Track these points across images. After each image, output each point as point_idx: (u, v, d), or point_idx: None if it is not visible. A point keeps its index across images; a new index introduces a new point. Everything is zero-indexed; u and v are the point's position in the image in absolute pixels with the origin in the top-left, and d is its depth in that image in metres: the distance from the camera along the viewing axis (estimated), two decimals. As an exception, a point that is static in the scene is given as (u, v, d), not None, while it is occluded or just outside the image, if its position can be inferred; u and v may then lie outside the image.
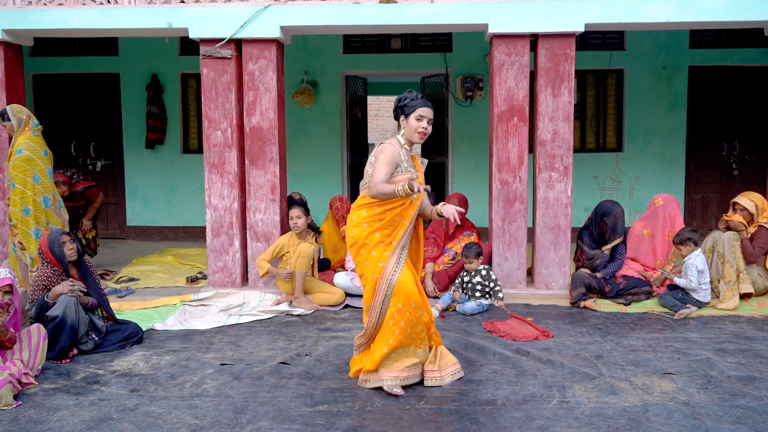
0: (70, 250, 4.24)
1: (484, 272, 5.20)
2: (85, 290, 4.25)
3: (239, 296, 5.46)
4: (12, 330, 3.69)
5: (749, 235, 5.29)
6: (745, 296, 5.17)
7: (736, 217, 5.31)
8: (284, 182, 5.77)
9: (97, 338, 4.26)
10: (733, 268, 5.11)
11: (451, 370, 3.70)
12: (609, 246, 5.42)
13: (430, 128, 3.60)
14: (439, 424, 3.17)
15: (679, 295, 5.08)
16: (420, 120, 3.55)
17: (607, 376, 3.75)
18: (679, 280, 5.08)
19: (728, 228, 5.35)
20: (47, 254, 4.20)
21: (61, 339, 4.01)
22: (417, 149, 11.54)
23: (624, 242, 5.51)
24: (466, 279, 5.26)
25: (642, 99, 7.98)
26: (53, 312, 4.03)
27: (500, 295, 5.16)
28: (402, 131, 3.62)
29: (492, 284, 5.17)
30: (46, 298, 4.12)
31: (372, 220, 3.52)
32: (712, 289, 5.19)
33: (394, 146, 3.56)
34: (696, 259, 5.03)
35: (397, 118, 3.64)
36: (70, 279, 4.21)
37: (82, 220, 6.51)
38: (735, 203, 5.39)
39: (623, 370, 3.85)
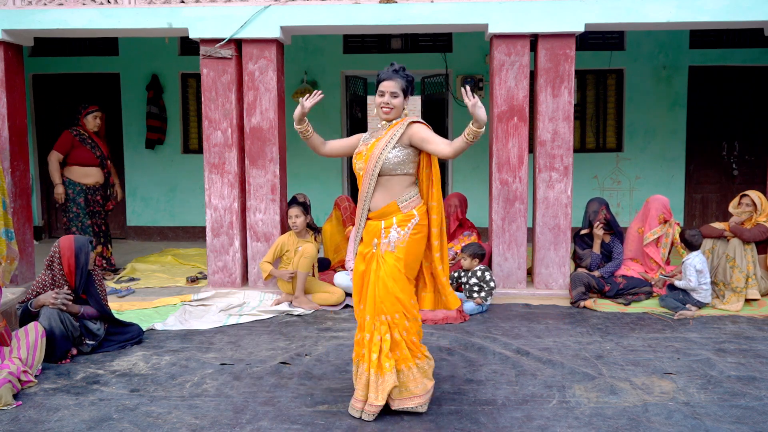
0: (92, 259, 4.15)
1: (479, 273, 5.17)
2: (71, 298, 4.08)
3: (239, 296, 5.46)
4: None
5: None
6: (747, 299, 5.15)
7: (741, 208, 5.27)
8: (284, 182, 5.77)
9: (93, 342, 4.16)
10: (742, 274, 5.09)
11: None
12: (595, 243, 5.45)
13: (395, 101, 3.26)
14: (439, 424, 3.17)
15: (680, 296, 5.08)
16: (382, 95, 3.27)
17: (607, 376, 3.75)
18: (679, 283, 5.07)
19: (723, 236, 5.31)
20: (69, 260, 4.07)
21: (55, 348, 3.94)
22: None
23: (621, 242, 5.53)
24: (463, 279, 5.24)
25: (642, 99, 7.98)
26: (41, 324, 3.90)
27: (482, 294, 5.10)
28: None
29: (485, 285, 5.15)
30: (29, 306, 4.03)
31: None
32: (715, 291, 5.18)
33: (369, 131, 3.49)
34: (694, 259, 5.02)
35: None
36: (55, 290, 4.05)
37: (116, 189, 6.60)
38: (744, 195, 5.35)
39: (623, 370, 3.85)
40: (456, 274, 5.30)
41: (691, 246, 5.08)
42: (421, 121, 3.33)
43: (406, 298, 3.23)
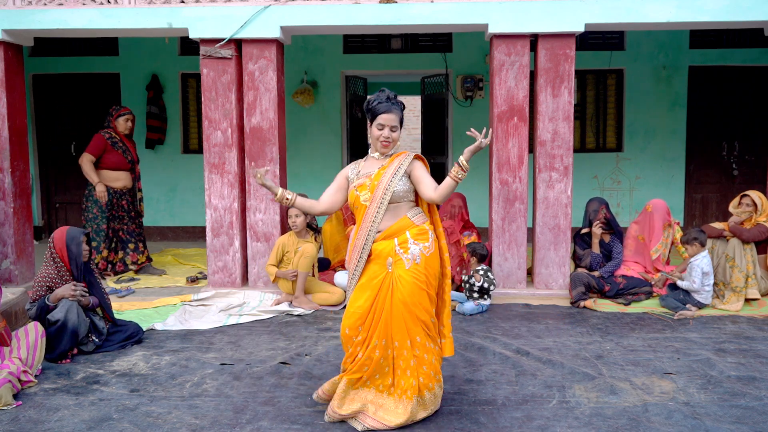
0: (85, 251, 4.22)
1: (481, 272, 5.19)
2: (87, 292, 4.21)
3: (239, 296, 5.46)
4: None
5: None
6: (747, 299, 5.15)
7: (741, 208, 5.27)
8: (284, 182, 5.77)
9: (97, 340, 4.22)
10: (742, 273, 5.09)
11: None
12: (594, 242, 5.45)
13: (395, 134, 3.25)
14: (439, 424, 3.17)
15: (681, 296, 5.08)
16: (381, 129, 3.22)
17: (607, 376, 3.75)
18: (681, 283, 5.07)
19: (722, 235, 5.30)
20: (61, 251, 4.15)
21: (62, 343, 3.99)
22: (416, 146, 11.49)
23: (621, 242, 5.52)
24: (464, 278, 5.26)
25: (642, 99, 7.98)
26: (55, 315, 4.00)
27: (487, 280, 5.11)
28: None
29: (488, 282, 5.16)
30: (47, 300, 4.09)
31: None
32: (715, 291, 5.18)
33: (350, 165, 3.44)
34: (702, 260, 5.01)
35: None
36: (73, 282, 4.16)
37: (140, 195, 6.51)
38: (744, 195, 5.35)
39: (623, 370, 3.85)
40: (458, 267, 5.34)
41: (701, 243, 5.06)
42: (422, 156, 3.37)
43: (428, 318, 3.16)
